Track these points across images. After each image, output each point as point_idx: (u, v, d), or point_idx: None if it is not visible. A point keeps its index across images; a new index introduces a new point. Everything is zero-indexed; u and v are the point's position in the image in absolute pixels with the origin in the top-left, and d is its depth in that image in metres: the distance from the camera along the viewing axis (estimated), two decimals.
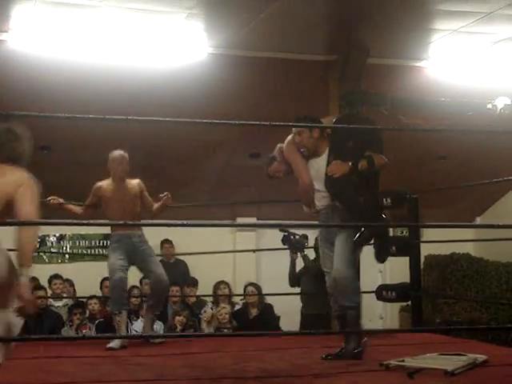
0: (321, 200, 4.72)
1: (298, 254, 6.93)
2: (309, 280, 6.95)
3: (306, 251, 6.93)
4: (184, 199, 8.89)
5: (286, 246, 6.75)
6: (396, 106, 7.27)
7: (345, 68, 7.22)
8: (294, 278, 7.16)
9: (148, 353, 5.03)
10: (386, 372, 4.21)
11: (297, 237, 6.66)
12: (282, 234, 6.65)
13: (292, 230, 6.65)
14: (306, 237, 7.01)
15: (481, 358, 4.41)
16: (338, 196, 4.60)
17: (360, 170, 4.52)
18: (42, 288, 7.79)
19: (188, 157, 8.70)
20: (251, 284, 7.59)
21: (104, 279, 8.69)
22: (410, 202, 6.30)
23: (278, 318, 7.62)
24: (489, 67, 7.75)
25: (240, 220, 9.77)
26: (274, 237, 7.87)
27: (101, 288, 8.60)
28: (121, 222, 5.44)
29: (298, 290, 7.23)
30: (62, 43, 6.67)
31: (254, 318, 7.21)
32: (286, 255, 7.39)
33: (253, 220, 9.69)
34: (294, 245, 6.72)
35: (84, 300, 7.95)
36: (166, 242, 9.25)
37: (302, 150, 4.71)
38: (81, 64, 6.91)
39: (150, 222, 6.04)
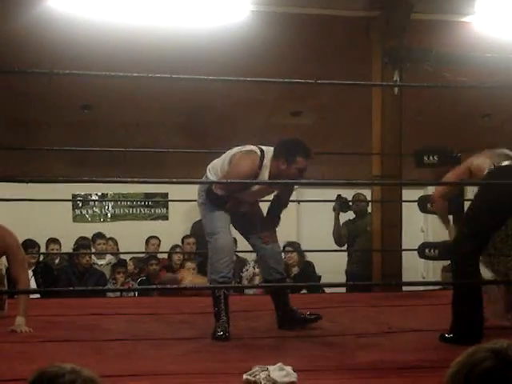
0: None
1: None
2: (366, 241, 7.17)
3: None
4: None
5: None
6: (441, 62, 7.11)
7: (388, 24, 7.06)
8: (340, 237, 7.27)
9: (191, 310, 5.08)
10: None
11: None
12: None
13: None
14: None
15: None
16: None
17: None
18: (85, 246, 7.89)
19: (228, 116, 8.67)
20: (290, 244, 7.55)
21: (150, 237, 8.74)
22: (455, 161, 6.24)
23: (319, 277, 7.60)
24: None
25: None
26: (315, 195, 7.85)
27: (147, 245, 8.65)
28: (164, 180, 5.43)
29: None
30: (104, 4, 6.64)
31: (295, 276, 7.20)
32: (327, 213, 7.43)
33: None
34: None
35: (126, 259, 8.05)
36: None
37: None
38: (122, 25, 6.88)
39: (191, 180, 6.02)
